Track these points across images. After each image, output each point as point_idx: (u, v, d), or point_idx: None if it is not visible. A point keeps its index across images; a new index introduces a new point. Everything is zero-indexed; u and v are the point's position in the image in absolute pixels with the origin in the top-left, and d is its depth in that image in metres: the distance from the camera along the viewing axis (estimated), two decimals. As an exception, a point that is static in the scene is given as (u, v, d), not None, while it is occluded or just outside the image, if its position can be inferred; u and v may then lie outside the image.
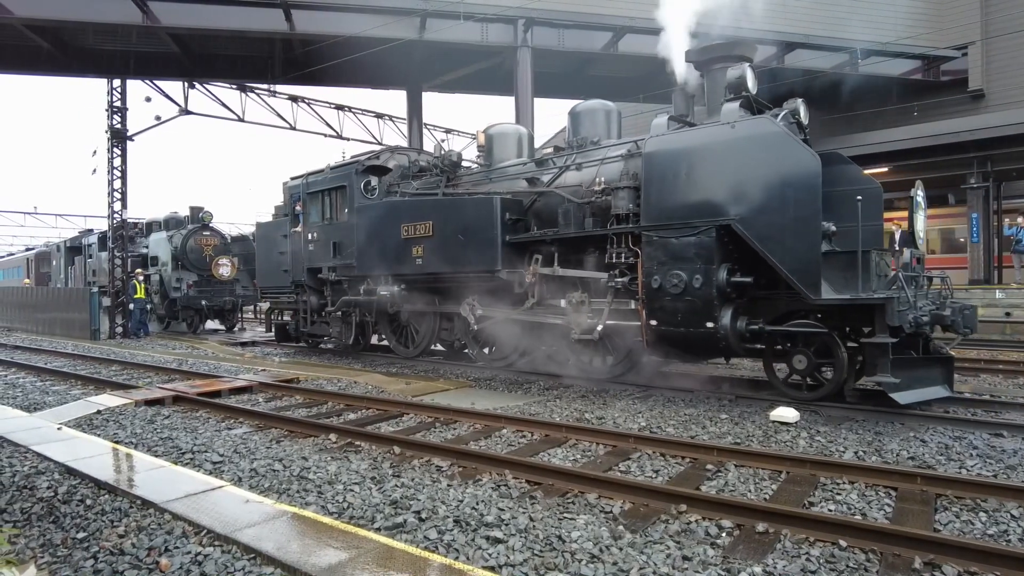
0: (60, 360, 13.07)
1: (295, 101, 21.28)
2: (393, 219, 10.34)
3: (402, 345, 11.84)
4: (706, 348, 7.33)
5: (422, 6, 13.94)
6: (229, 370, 10.83)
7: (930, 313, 6.55)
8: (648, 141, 7.49)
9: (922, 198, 7.33)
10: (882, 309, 6.16)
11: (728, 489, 4.63)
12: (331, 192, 11.97)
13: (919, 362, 6.83)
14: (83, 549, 3.66)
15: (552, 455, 5.61)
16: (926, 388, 6.69)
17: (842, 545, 3.60)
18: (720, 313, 6.84)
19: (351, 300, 11.65)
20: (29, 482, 4.82)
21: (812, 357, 6.97)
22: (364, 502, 4.37)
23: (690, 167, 7.04)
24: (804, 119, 7.74)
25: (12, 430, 6.35)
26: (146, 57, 17.01)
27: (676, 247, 7.09)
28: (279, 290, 13.65)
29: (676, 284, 7.02)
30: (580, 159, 8.78)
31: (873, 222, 7.28)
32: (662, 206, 7.25)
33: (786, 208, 6.42)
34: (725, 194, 6.78)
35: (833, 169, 7.66)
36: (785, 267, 6.44)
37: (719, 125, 7.03)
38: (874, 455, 5.35)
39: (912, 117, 18.25)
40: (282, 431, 6.61)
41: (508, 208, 8.91)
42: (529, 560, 3.43)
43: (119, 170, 18.47)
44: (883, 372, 6.21)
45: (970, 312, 7.05)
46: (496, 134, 10.60)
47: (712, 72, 7.73)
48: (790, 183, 6.42)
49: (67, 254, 26.44)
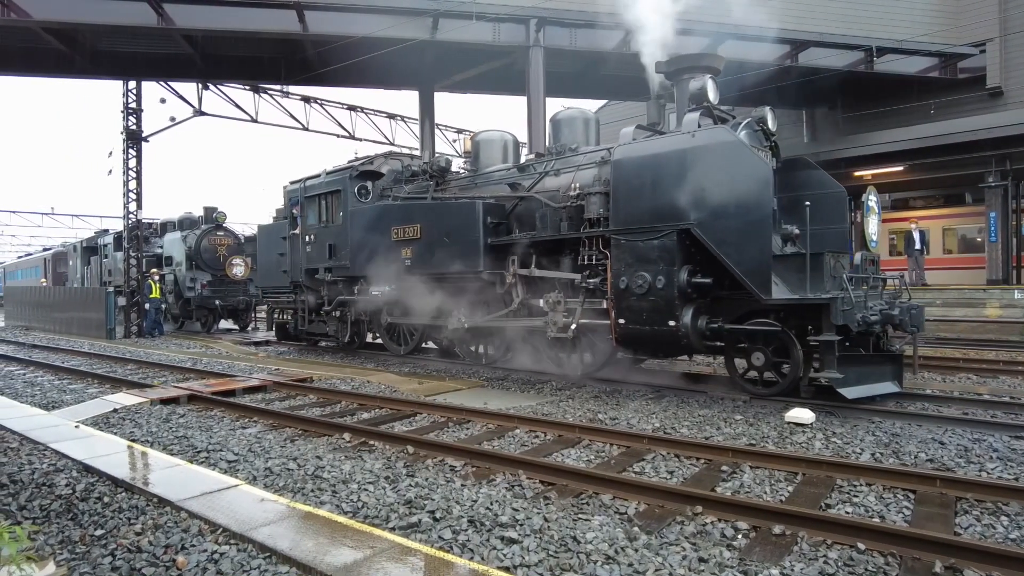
0: (77, 359, 13.21)
1: (308, 102, 21.41)
2: (384, 222, 10.82)
3: (395, 343, 12.23)
4: (669, 345, 7.67)
5: (434, 6, 13.95)
6: (243, 369, 10.90)
7: (880, 312, 6.89)
8: (616, 149, 7.88)
9: (874, 203, 7.72)
10: (827, 308, 6.46)
11: (744, 491, 4.59)
12: (327, 196, 12.45)
13: (868, 359, 7.21)
14: (101, 546, 3.69)
15: (566, 455, 5.59)
16: (874, 384, 7.10)
17: (860, 548, 3.56)
18: (681, 312, 7.17)
19: (346, 300, 12.17)
20: (48, 479, 4.87)
21: (769, 354, 7.25)
22: (378, 501, 4.38)
23: (654, 174, 7.42)
24: (772, 126, 8.06)
25: (31, 428, 6.43)
26: (161, 59, 17.14)
27: (641, 250, 7.45)
28: (279, 290, 14.18)
29: (641, 285, 7.37)
30: (559, 165, 9.11)
31: (838, 225, 7.71)
32: (629, 211, 7.62)
33: (739, 213, 6.76)
34: (685, 200, 7.10)
35: (801, 174, 8.18)
36: (739, 269, 6.76)
37: (680, 134, 7.37)
38: (891, 457, 5.29)
39: (929, 115, 18.04)
40: (296, 430, 6.64)
41: (490, 212, 9.36)
42: (544, 561, 3.42)
43: (134, 171, 18.66)
44: (829, 368, 6.55)
45: (917, 312, 7.51)
46: (483, 140, 10.99)
47: (681, 83, 8.07)
48: (743, 190, 6.75)
49: (83, 254, 26.73)
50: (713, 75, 7.92)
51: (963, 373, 9.40)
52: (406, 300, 10.91)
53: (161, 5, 13.11)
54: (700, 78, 7.84)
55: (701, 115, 7.59)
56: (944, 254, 20.07)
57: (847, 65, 16.89)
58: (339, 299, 12.31)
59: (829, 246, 7.59)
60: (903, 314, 7.26)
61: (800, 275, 6.73)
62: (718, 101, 7.90)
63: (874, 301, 7.21)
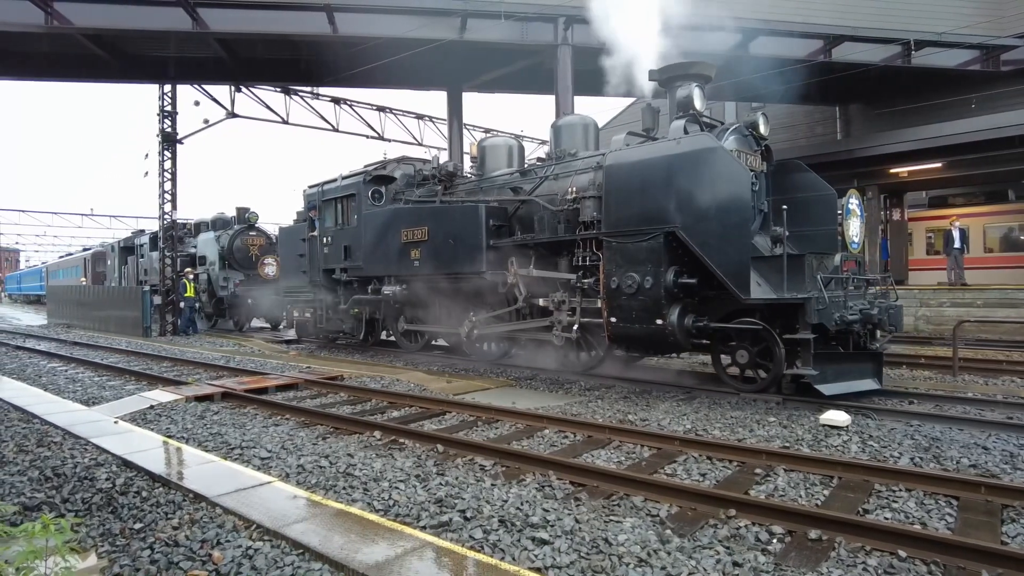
0: (115, 356, 13.56)
1: (337, 103, 21.61)
2: (394, 225, 11.34)
3: (407, 340, 12.67)
4: (657, 343, 7.94)
5: (462, 6, 13.98)
6: (275, 367, 11.07)
7: (860, 312, 7.16)
8: (608, 155, 8.27)
9: (856, 205, 7.94)
10: (802, 308, 6.75)
11: (778, 494, 4.51)
12: (343, 200, 12.96)
13: (848, 357, 7.45)
14: (140, 539, 3.77)
15: (596, 456, 5.56)
16: (854, 381, 7.35)
17: (901, 555, 3.47)
18: (668, 311, 7.43)
19: (360, 299, 12.72)
20: (89, 473, 5.00)
21: (752, 352, 7.51)
22: (409, 500, 4.40)
23: (642, 179, 7.74)
24: (764, 131, 8.38)
25: (73, 423, 6.61)
26: (195, 62, 17.48)
27: (631, 251, 7.76)
28: (298, 289, 14.75)
29: (630, 285, 7.68)
30: (558, 170, 9.48)
31: (827, 227, 7.95)
32: (619, 214, 7.95)
33: (720, 216, 7.04)
34: (671, 204, 7.40)
35: (793, 176, 8.47)
36: (720, 269, 7.01)
37: (666, 141, 7.75)
38: (932, 462, 5.15)
39: (970, 109, 17.50)
40: (328, 428, 6.71)
41: (492, 215, 9.81)
42: (576, 562, 3.40)
43: (169, 172, 19.08)
44: (805, 365, 6.90)
45: (895, 311, 7.89)
46: (488, 146, 11.49)
47: (672, 90, 8.41)
48: (724, 194, 7.03)
49: (121, 254, 27.41)
50: (701, 83, 8.27)
51: (1007, 376, 9.10)
52: (416, 301, 11.45)
53: (195, 9, 13.37)
54: (686, 87, 8.18)
55: (687, 122, 7.93)
56: (985, 253, 19.47)
57: (883, 59, 16.47)
58: (354, 298, 12.84)
59: (819, 247, 7.91)
60: (882, 313, 7.52)
61: (782, 275, 6.99)
62: (705, 108, 8.21)
63: (855, 301, 7.43)
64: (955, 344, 9.42)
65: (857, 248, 8.03)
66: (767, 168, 8.59)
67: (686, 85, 8.18)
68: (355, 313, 13.22)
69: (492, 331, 10.39)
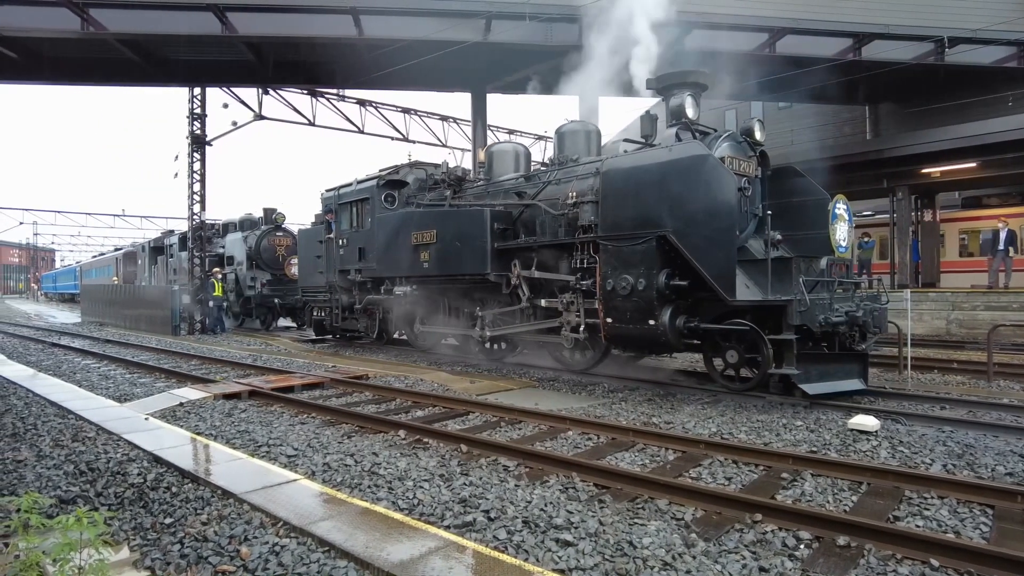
0: (146, 354, 13.84)
1: (363, 105, 21.81)
2: (405, 227, 11.71)
3: (418, 339, 13.04)
4: (650, 343, 8.14)
5: (487, 8, 14.03)
6: (301, 366, 11.20)
7: (846, 314, 7.34)
8: (605, 162, 8.62)
9: (843, 210, 8.08)
10: (785, 310, 7.00)
11: (805, 499, 4.44)
12: (358, 203, 13.34)
13: (833, 357, 7.64)
14: (170, 534, 3.84)
15: (620, 459, 5.53)
16: (839, 381, 7.55)
17: (934, 564, 3.39)
18: (660, 312, 7.65)
19: (374, 299, 13.15)
20: (121, 468, 5.11)
21: (742, 352, 7.70)
22: (433, 499, 4.42)
23: (636, 185, 7.99)
24: (760, 137, 8.67)
25: (106, 419, 6.77)
26: (224, 66, 17.81)
27: (625, 254, 7.98)
28: (316, 290, 15.31)
29: (625, 286, 7.90)
30: (560, 175, 9.75)
31: (821, 231, 8.03)
32: (614, 218, 8.19)
33: (708, 221, 7.25)
34: (663, 209, 7.62)
35: (789, 181, 8.71)
36: (708, 272, 7.21)
37: (659, 148, 8.05)
38: (965, 469, 5.03)
39: (1006, 107, 17.06)
40: (353, 426, 6.78)
41: (497, 219, 10.15)
42: (600, 565, 3.39)
43: (198, 174, 19.44)
44: (788, 365, 7.14)
45: (880, 313, 8.12)
46: (496, 151, 11.90)
47: (669, 98, 8.70)
48: (712, 200, 7.22)
49: (151, 254, 28.00)
50: (697, 91, 8.59)
51: (1044, 382, 8.86)
52: (426, 301, 11.94)
53: (225, 14, 13.62)
54: (679, 95, 8.46)
55: (679, 130, 8.27)
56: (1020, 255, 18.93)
57: (915, 57, 16.13)
58: (368, 298, 13.29)
59: (813, 251, 8.10)
60: (866, 315, 7.69)
61: (771, 278, 7.22)
62: (697, 116, 8.48)
63: (841, 303, 7.61)
64: (990, 348, 9.20)
65: (844, 252, 8.19)
66: (763, 173, 8.77)
67: (679, 94, 8.47)
68: (369, 313, 13.73)
69: (502, 332, 10.65)
